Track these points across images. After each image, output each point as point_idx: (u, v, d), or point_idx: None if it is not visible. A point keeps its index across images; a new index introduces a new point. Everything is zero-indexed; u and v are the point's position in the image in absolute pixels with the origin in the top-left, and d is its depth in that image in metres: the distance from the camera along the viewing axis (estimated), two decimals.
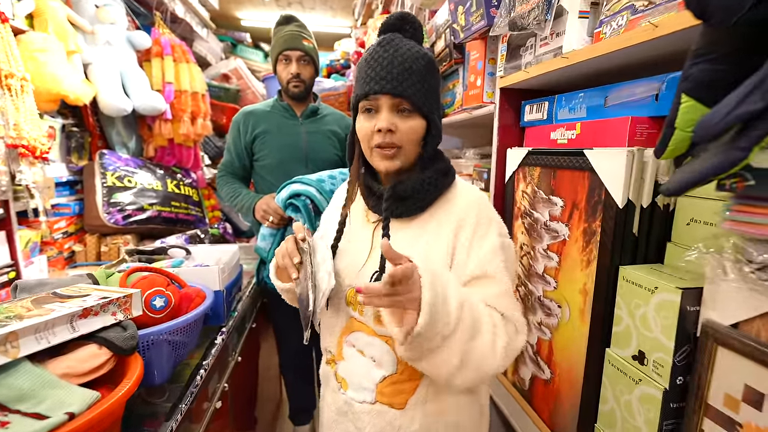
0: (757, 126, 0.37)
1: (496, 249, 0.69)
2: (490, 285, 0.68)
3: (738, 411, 0.52)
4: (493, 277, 0.68)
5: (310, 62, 1.53)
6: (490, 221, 0.72)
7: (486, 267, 0.68)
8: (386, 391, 0.72)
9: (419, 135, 0.70)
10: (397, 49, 0.67)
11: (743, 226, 0.47)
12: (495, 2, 0.99)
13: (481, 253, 0.69)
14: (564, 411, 0.86)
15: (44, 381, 0.52)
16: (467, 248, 0.69)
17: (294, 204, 1.25)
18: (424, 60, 0.68)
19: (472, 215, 0.71)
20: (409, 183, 0.71)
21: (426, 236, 0.72)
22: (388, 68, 0.66)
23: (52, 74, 1.54)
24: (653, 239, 0.70)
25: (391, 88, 0.66)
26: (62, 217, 1.83)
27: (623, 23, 0.68)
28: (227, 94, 3.16)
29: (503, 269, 0.69)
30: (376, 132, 0.68)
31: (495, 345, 0.63)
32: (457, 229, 0.70)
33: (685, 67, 0.46)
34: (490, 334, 0.63)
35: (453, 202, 0.73)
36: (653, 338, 0.63)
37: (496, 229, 0.72)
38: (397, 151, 0.69)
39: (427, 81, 0.68)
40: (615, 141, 0.72)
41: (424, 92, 0.68)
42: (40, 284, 0.77)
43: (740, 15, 0.36)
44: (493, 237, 0.70)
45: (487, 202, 0.75)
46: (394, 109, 0.68)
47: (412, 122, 0.68)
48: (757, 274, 0.47)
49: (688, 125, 0.46)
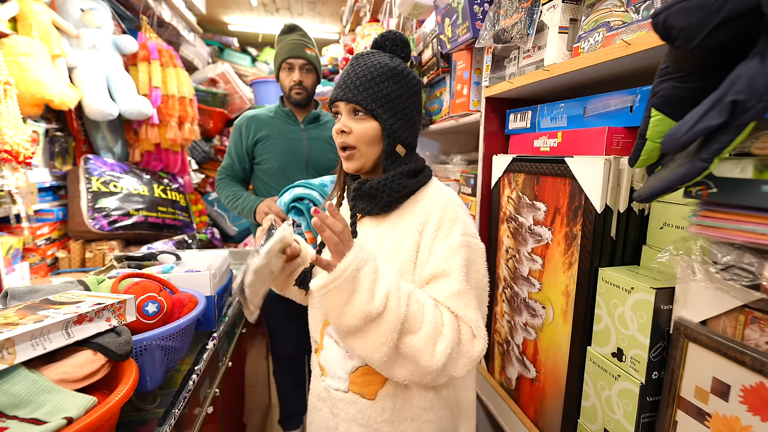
0: (716, 139, 0.41)
1: (456, 248, 0.70)
2: (445, 283, 0.69)
3: (707, 402, 0.56)
4: (448, 275, 0.69)
5: (312, 70, 1.56)
6: (455, 221, 0.73)
7: (443, 265, 0.69)
8: (358, 381, 0.76)
9: (372, 136, 0.74)
10: (360, 63, 0.75)
11: (708, 230, 0.51)
12: (480, 16, 1.03)
13: (441, 251, 0.70)
14: (549, 408, 0.89)
15: (41, 387, 0.53)
16: (429, 246, 0.71)
17: (297, 207, 1.27)
18: (384, 69, 0.74)
19: (436, 214, 0.73)
20: (372, 182, 0.75)
21: (394, 234, 0.76)
22: (348, 79, 0.74)
23: (36, 78, 1.52)
24: (630, 242, 0.74)
25: (343, 95, 0.74)
26: (45, 223, 1.79)
27: (600, 39, 0.72)
28: (214, 99, 3.15)
29: (460, 268, 0.69)
30: (337, 134, 0.76)
31: (435, 345, 0.64)
32: (422, 228, 0.73)
33: (654, 84, 0.50)
34: (431, 332, 0.64)
35: (421, 201, 0.77)
36: (630, 336, 0.67)
37: (459, 228, 0.72)
38: (353, 152, 0.76)
39: (386, 88, 0.73)
40: (593, 149, 0.76)
41: (380, 98, 0.73)
42: (32, 291, 0.77)
43: (698, 40, 0.40)
44: (455, 236, 0.71)
45: (456, 203, 0.76)
46: (351, 114, 0.75)
47: (365, 125, 0.74)
48: (721, 274, 0.51)
49: (657, 137, 0.50)
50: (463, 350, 0.67)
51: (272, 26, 3.89)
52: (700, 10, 0.40)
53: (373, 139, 0.74)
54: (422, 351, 0.64)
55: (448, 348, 0.64)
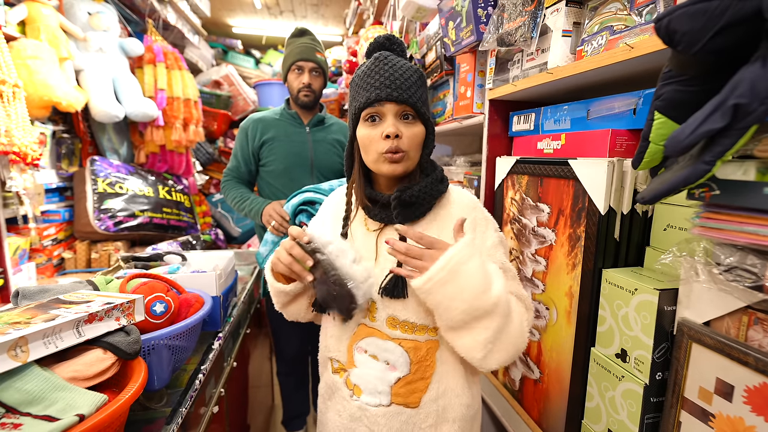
0: (719, 142, 0.42)
1: (497, 243, 0.77)
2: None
3: (711, 403, 0.56)
4: (500, 265, 0.74)
5: (321, 74, 1.59)
6: (487, 220, 0.79)
7: (493, 259, 0.75)
8: (401, 392, 0.74)
9: (421, 140, 0.74)
10: (395, 63, 0.72)
11: (711, 232, 0.51)
12: (484, 19, 1.04)
13: (486, 248, 0.76)
14: (553, 409, 0.90)
15: (53, 384, 0.54)
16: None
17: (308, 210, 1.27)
18: (417, 74, 0.74)
19: (470, 215, 0.77)
20: (415, 189, 0.73)
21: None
22: (390, 78, 0.70)
23: (44, 81, 1.54)
24: (633, 244, 0.75)
25: (397, 95, 0.69)
26: (51, 224, 1.81)
27: (603, 42, 0.73)
28: (218, 101, 3.17)
29: (506, 259, 0.77)
30: (383, 138, 0.70)
31: (523, 327, 0.70)
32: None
33: (658, 87, 0.50)
34: (518, 317, 0.70)
35: (450, 206, 0.78)
36: (634, 337, 0.68)
37: (492, 226, 0.79)
38: (403, 155, 0.71)
39: (424, 93, 0.75)
40: (597, 151, 0.77)
41: (424, 102, 0.74)
42: (42, 291, 0.78)
43: (701, 45, 0.41)
44: (492, 233, 0.78)
45: (479, 203, 0.82)
46: (399, 116, 0.71)
47: (415, 128, 0.72)
48: (724, 275, 0.51)
49: (660, 139, 0.51)
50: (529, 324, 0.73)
51: (276, 29, 3.92)
52: (702, 15, 0.41)
53: (420, 143, 0.74)
54: (517, 336, 0.69)
55: (529, 325, 0.72)
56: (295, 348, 1.70)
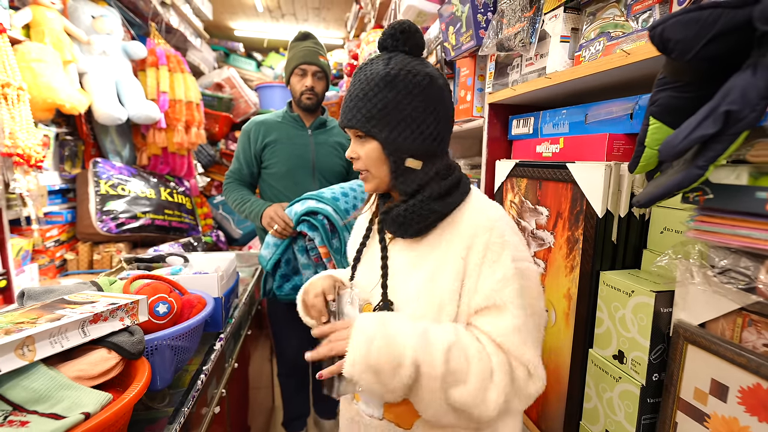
0: (711, 147, 0.43)
1: (509, 277, 0.63)
2: (499, 318, 0.62)
3: (706, 403, 0.57)
4: (501, 309, 0.62)
5: (323, 78, 1.61)
6: (504, 245, 0.64)
7: (495, 297, 0.62)
8: (394, 410, 0.72)
9: (377, 156, 0.69)
10: (355, 80, 0.70)
11: (705, 235, 0.52)
12: (483, 24, 1.05)
13: (491, 281, 0.63)
14: (551, 410, 0.91)
15: (59, 383, 0.55)
16: (477, 275, 0.64)
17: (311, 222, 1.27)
18: (377, 80, 0.66)
19: (481, 239, 0.65)
20: (399, 210, 0.69)
21: (432, 260, 0.68)
22: (346, 101, 0.70)
23: (48, 84, 1.55)
24: (630, 246, 0.76)
25: (341, 121, 0.71)
26: (54, 225, 1.83)
27: (600, 48, 0.74)
28: (220, 103, 3.19)
29: (515, 299, 0.62)
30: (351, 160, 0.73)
31: (486, 396, 0.60)
32: (466, 254, 0.65)
33: (653, 93, 0.52)
34: (479, 384, 0.59)
35: (462, 223, 0.68)
36: (631, 338, 0.68)
37: (509, 254, 0.64)
38: (367, 174, 0.72)
39: (380, 101, 0.66)
40: (595, 155, 0.78)
41: (374, 115, 0.66)
42: (47, 291, 0.79)
43: (694, 52, 0.42)
44: (506, 263, 0.63)
45: (502, 222, 0.67)
46: (356, 137, 0.71)
47: (368, 146, 0.69)
48: (719, 277, 0.52)
49: (655, 144, 0.52)
50: (518, 391, 0.62)
51: (277, 32, 3.95)
52: (695, 24, 0.42)
53: (377, 159, 0.69)
54: (472, 405, 0.59)
55: (501, 396, 0.60)
56: (296, 350, 1.70)
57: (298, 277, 1.41)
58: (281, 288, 1.40)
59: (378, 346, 0.59)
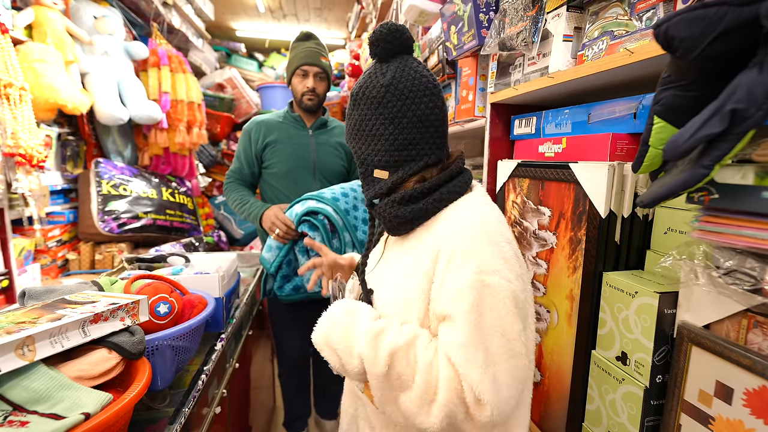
0: (717, 146, 0.42)
1: (464, 288, 0.59)
2: (449, 330, 0.60)
3: (710, 405, 0.56)
4: (452, 321, 0.59)
5: (325, 78, 1.61)
6: (469, 253, 0.61)
7: (448, 308, 0.60)
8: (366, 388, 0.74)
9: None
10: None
11: (710, 235, 0.52)
12: (485, 24, 1.05)
13: (448, 291, 0.61)
14: (553, 412, 0.90)
15: (59, 383, 0.54)
16: (441, 281, 0.62)
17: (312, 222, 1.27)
18: (351, 99, 0.74)
19: (449, 243, 0.63)
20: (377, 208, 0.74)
21: (409, 258, 0.70)
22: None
23: (50, 84, 1.56)
24: (634, 247, 0.75)
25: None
26: (56, 225, 1.83)
27: (603, 47, 0.74)
28: (222, 103, 3.19)
29: (465, 314, 0.58)
30: None
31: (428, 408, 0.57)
32: (434, 257, 0.64)
33: (657, 92, 0.51)
34: (421, 395, 0.57)
35: (436, 226, 0.68)
36: (634, 339, 0.68)
37: (473, 264, 0.60)
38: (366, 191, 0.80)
39: (351, 120, 0.74)
40: (598, 155, 0.78)
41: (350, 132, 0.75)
42: (48, 291, 0.79)
43: (699, 50, 0.41)
44: (465, 274, 0.59)
45: (480, 229, 0.64)
46: None
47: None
48: (724, 278, 0.52)
49: (660, 144, 0.51)
50: (469, 415, 0.57)
51: (279, 32, 3.95)
52: (700, 22, 0.42)
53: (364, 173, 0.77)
54: (415, 413, 0.58)
55: (443, 412, 0.56)
56: (296, 350, 1.70)
57: (299, 278, 1.41)
58: (282, 288, 1.40)
59: (337, 333, 0.67)
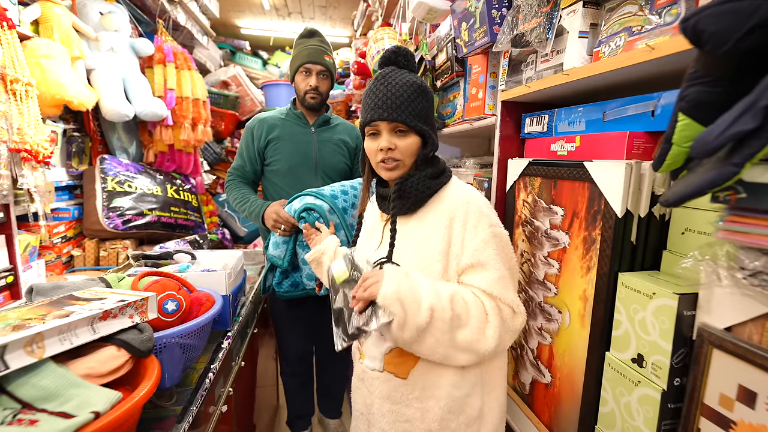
0: (749, 144, 0.41)
1: (487, 239, 0.79)
2: (484, 272, 0.79)
3: (732, 410, 0.55)
4: (485, 266, 0.79)
5: (328, 77, 1.59)
6: (480, 214, 0.81)
7: (479, 256, 0.79)
8: (393, 361, 0.86)
9: (415, 149, 0.85)
10: (390, 82, 0.82)
11: (736, 236, 0.50)
12: (498, 20, 1.03)
13: (474, 244, 0.79)
14: (564, 414, 0.89)
15: (69, 381, 0.53)
16: (461, 240, 0.80)
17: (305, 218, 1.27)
18: (413, 87, 0.83)
19: (461, 210, 0.81)
20: (409, 181, 0.84)
21: (421, 230, 0.85)
22: (383, 99, 0.81)
23: (56, 80, 1.55)
24: (650, 247, 0.74)
25: (387, 116, 0.81)
26: (61, 222, 1.83)
27: (621, 44, 0.72)
28: (226, 101, 3.19)
29: (495, 256, 0.79)
30: (380, 150, 0.84)
31: (484, 333, 0.77)
32: (449, 222, 0.81)
33: (682, 88, 0.49)
34: (478, 324, 0.77)
35: (445, 200, 0.85)
36: (652, 341, 0.67)
37: (486, 220, 0.81)
38: (398, 164, 0.85)
39: (420, 104, 0.83)
40: (613, 154, 0.76)
41: (417, 114, 0.82)
42: (56, 287, 0.78)
43: (730, 45, 0.40)
44: (484, 228, 0.80)
45: (478, 198, 0.84)
46: (393, 131, 0.84)
47: (408, 140, 0.84)
48: (749, 279, 0.50)
49: (684, 141, 0.50)
50: (507, 327, 0.79)
51: (284, 30, 3.94)
52: (732, 15, 0.40)
53: (415, 151, 0.85)
54: (475, 340, 0.76)
55: (496, 331, 0.76)
56: (299, 348, 1.69)
57: (296, 274, 1.40)
58: (281, 285, 1.39)
59: (406, 285, 0.75)
